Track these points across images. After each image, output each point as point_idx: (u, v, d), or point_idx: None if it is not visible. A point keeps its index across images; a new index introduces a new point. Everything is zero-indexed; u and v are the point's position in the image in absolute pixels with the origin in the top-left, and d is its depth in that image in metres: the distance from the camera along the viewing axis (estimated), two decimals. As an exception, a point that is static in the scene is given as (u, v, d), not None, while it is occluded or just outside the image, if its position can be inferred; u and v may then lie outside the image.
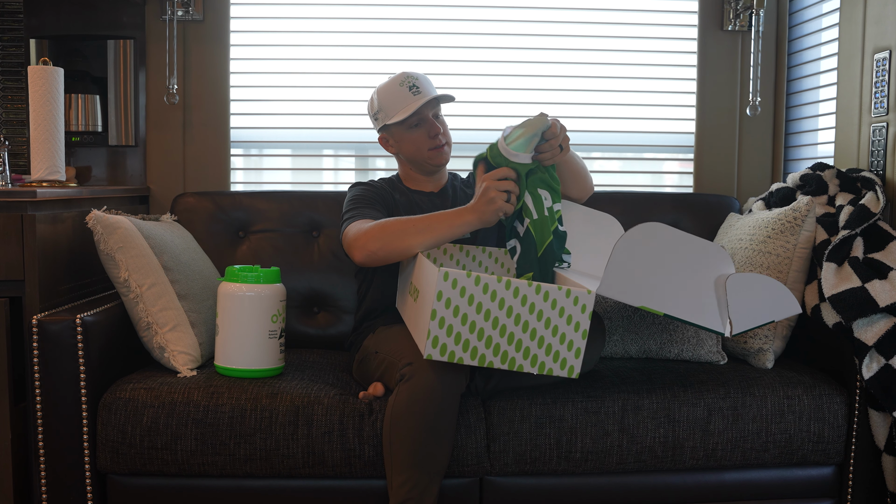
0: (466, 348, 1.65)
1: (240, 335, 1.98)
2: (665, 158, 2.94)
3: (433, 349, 1.64)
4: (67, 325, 1.86)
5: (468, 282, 1.64)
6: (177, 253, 2.14)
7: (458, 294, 1.63)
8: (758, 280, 1.74)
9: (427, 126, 2.15)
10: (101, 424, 1.87)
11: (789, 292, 1.79)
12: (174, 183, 2.73)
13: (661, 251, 1.68)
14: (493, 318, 1.65)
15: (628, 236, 1.65)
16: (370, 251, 1.92)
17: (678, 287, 1.69)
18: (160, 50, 2.68)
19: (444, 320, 1.63)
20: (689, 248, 1.72)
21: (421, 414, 1.72)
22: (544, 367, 1.69)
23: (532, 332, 1.67)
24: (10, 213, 1.94)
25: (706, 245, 1.75)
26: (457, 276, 1.62)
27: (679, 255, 1.70)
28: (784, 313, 1.79)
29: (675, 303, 1.68)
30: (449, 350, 1.65)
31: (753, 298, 1.72)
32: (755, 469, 1.99)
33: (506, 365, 1.67)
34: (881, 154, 2.26)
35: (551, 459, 1.92)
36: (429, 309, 1.64)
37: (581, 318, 1.68)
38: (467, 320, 1.64)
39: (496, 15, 2.82)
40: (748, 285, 1.72)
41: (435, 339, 1.64)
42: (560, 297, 1.67)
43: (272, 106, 2.81)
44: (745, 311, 1.71)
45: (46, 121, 2.15)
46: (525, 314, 1.66)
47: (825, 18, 2.61)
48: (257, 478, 1.89)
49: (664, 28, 2.86)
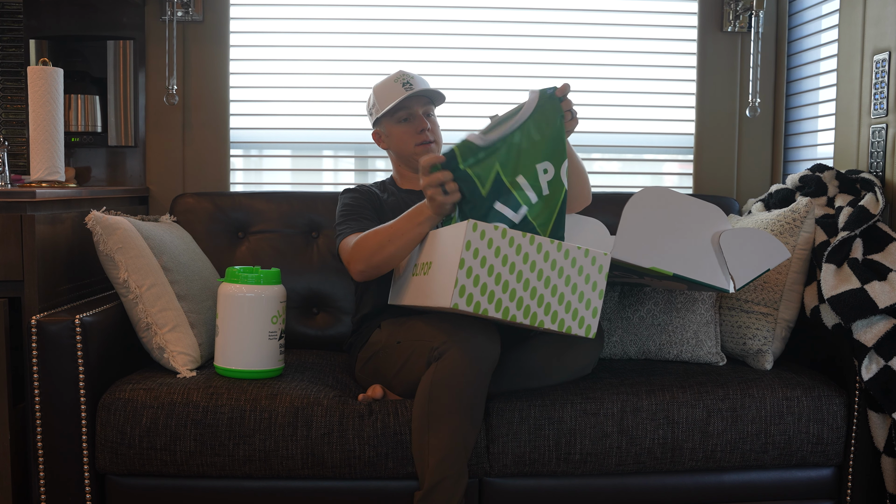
0: (492, 300, 1.67)
1: (240, 336, 1.98)
2: (665, 159, 2.94)
3: (460, 298, 1.65)
4: (66, 326, 1.86)
5: (495, 234, 1.67)
6: (176, 253, 2.14)
7: (486, 245, 1.66)
8: (747, 232, 1.87)
9: (416, 122, 2.18)
10: (101, 425, 1.87)
11: (775, 239, 1.90)
12: (174, 183, 2.73)
13: (667, 215, 1.81)
14: (517, 271, 1.69)
15: (637, 201, 1.77)
16: (360, 271, 2.01)
17: (685, 248, 1.82)
18: (160, 50, 2.68)
19: (471, 270, 1.65)
20: (693, 211, 1.84)
21: (462, 382, 1.74)
22: (563, 325, 1.73)
23: (553, 288, 1.71)
24: (10, 214, 1.94)
25: (708, 207, 1.85)
26: (484, 228, 1.66)
27: (684, 217, 1.82)
28: (775, 260, 1.90)
29: (682, 263, 1.81)
30: (475, 300, 1.66)
31: (748, 252, 1.86)
32: (754, 470, 1.99)
33: (528, 320, 1.70)
34: (880, 155, 2.26)
35: (550, 461, 1.91)
36: (456, 259, 1.66)
37: (598, 279, 1.74)
38: (493, 271, 1.67)
39: (495, 16, 2.82)
40: (741, 239, 1.85)
41: (462, 288, 1.65)
42: (579, 256, 1.72)
43: (272, 107, 2.81)
44: (743, 265, 1.85)
45: (46, 121, 2.15)
46: (547, 270, 1.70)
47: (825, 20, 2.61)
48: (256, 479, 1.88)
49: (664, 29, 2.86)
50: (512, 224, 1.87)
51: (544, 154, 1.88)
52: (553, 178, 1.89)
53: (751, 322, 2.15)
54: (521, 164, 1.86)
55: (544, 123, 1.87)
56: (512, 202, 1.86)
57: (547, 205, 1.88)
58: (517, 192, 1.86)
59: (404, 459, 1.86)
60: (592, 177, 2.87)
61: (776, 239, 1.91)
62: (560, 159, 1.89)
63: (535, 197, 1.87)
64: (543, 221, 1.90)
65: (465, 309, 1.66)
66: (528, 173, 1.87)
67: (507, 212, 1.87)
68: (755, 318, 2.15)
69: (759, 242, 1.89)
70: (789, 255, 1.94)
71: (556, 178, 1.89)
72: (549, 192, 1.88)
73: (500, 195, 1.85)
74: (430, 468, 1.73)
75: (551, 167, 1.89)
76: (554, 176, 1.89)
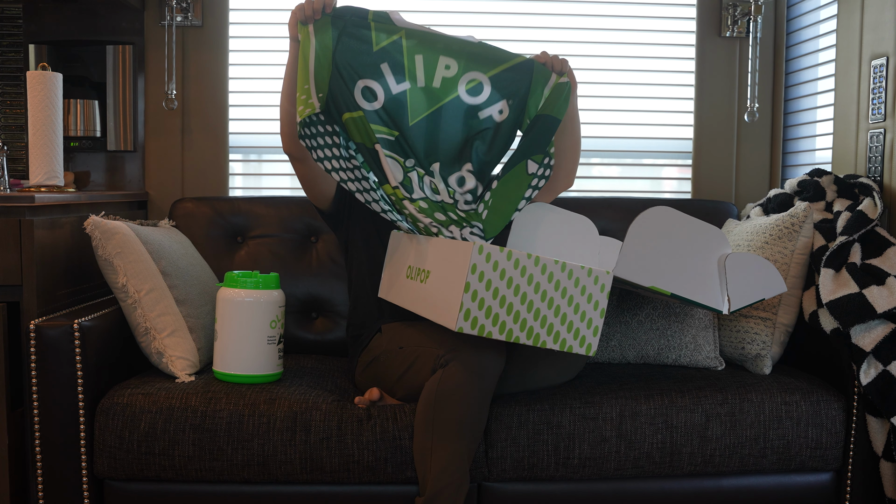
0: (496, 322, 1.67)
1: (238, 341, 1.98)
2: (663, 164, 2.95)
3: (465, 322, 1.65)
4: (65, 331, 1.86)
5: (500, 256, 1.67)
6: (175, 258, 2.14)
7: (492, 268, 1.66)
8: (750, 259, 1.92)
9: None
10: (99, 430, 1.86)
11: (776, 271, 1.96)
12: (173, 188, 2.73)
13: (669, 235, 1.85)
14: (521, 293, 1.69)
15: (642, 220, 1.82)
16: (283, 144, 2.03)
17: (684, 268, 1.86)
18: (159, 55, 2.69)
19: (476, 293, 1.65)
20: (696, 232, 1.88)
21: (468, 394, 1.74)
22: (565, 345, 1.74)
23: (556, 308, 1.72)
24: (9, 218, 1.94)
25: (709, 229, 1.90)
26: (490, 251, 1.66)
27: (686, 238, 1.87)
28: (772, 291, 1.95)
29: (680, 283, 1.85)
30: (479, 324, 1.66)
31: (747, 278, 1.91)
32: (753, 475, 1.99)
33: (531, 341, 1.70)
34: (878, 160, 2.26)
35: (549, 465, 1.91)
36: (460, 283, 1.65)
37: (600, 297, 1.75)
38: (498, 294, 1.67)
39: (494, 21, 2.83)
40: (742, 265, 1.91)
41: (467, 312, 1.65)
42: (582, 275, 1.73)
43: (271, 111, 2.81)
44: (740, 290, 1.90)
45: (45, 126, 2.15)
46: (550, 290, 1.71)
47: (823, 25, 2.62)
48: (255, 483, 1.88)
49: (662, 35, 2.87)
50: (387, 95, 1.95)
51: (460, 57, 1.97)
52: (450, 78, 1.95)
53: (749, 327, 2.15)
54: (426, 49, 1.96)
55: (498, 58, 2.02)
56: (398, 70, 1.96)
57: (429, 97, 1.94)
58: (409, 66, 1.94)
59: (403, 464, 1.86)
60: (591, 182, 2.90)
61: (777, 271, 1.96)
62: (481, 69, 1.98)
63: (422, 82, 1.95)
64: (420, 109, 1.98)
65: (470, 332, 1.66)
66: (428, 59, 1.96)
67: (389, 79, 1.95)
68: (754, 322, 2.15)
69: (759, 270, 1.93)
70: (786, 289, 1.98)
71: (452, 80, 1.96)
72: (438, 87, 1.96)
73: (390, 58, 1.95)
74: (433, 475, 1.73)
75: (455, 66, 1.97)
76: (453, 76, 1.95)
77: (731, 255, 1.89)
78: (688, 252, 1.88)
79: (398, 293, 1.96)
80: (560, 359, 1.95)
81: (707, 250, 1.90)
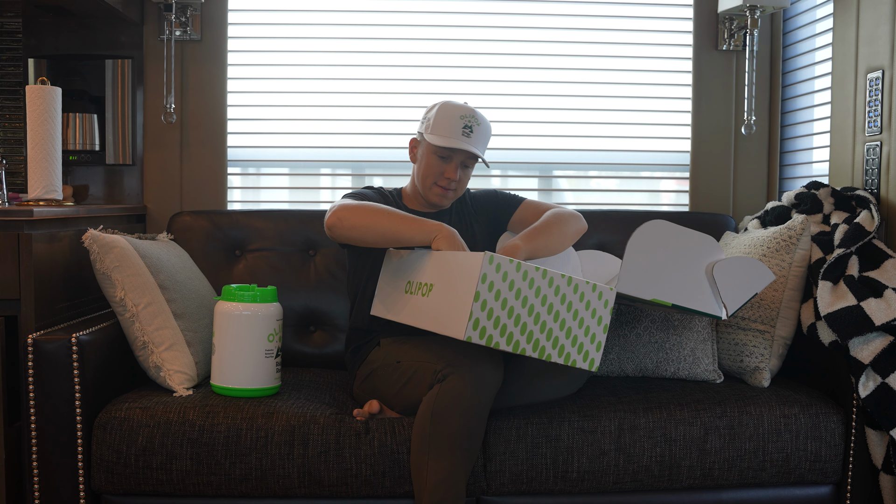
0: (504, 333, 1.68)
1: (236, 354, 1.97)
2: (661, 177, 2.95)
3: (473, 331, 1.65)
4: (63, 345, 1.85)
5: (510, 267, 1.67)
6: (173, 272, 2.14)
7: (501, 278, 1.66)
8: (734, 261, 1.96)
9: (449, 167, 2.14)
10: (96, 444, 1.86)
11: (761, 263, 2.00)
12: (171, 202, 2.74)
13: (667, 247, 1.88)
14: (529, 304, 1.69)
15: (639, 235, 1.85)
16: (339, 218, 1.99)
17: (682, 279, 1.90)
18: (158, 69, 2.70)
19: (486, 303, 1.65)
20: (690, 242, 1.92)
21: (465, 408, 1.74)
22: (569, 359, 1.75)
23: (562, 322, 1.73)
24: (7, 232, 1.94)
25: (703, 238, 1.94)
26: (500, 261, 1.66)
27: (682, 249, 1.91)
28: (762, 284, 1.99)
29: (679, 294, 1.88)
30: (488, 333, 1.66)
31: (737, 278, 1.95)
32: (752, 488, 1.99)
33: (536, 353, 1.71)
34: (875, 173, 2.27)
35: (548, 479, 1.91)
36: (470, 292, 1.65)
37: (604, 313, 1.77)
38: (507, 305, 1.67)
39: (493, 35, 2.84)
40: (730, 268, 1.95)
41: (476, 321, 1.65)
42: (587, 290, 1.75)
43: (269, 125, 2.82)
44: (733, 292, 1.95)
45: (44, 140, 2.15)
46: (557, 304, 1.72)
47: (819, 38, 2.63)
48: (253, 498, 1.88)
49: (660, 48, 2.88)
50: None
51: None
52: None
53: (748, 339, 2.15)
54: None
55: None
56: None
57: None
58: None
59: (401, 478, 1.85)
60: (589, 195, 2.90)
61: (761, 262, 2.00)
62: None
63: None
64: None
65: (478, 341, 1.66)
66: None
67: None
68: (752, 335, 2.15)
69: (745, 268, 1.97)
70: (774, 277, 2.01)
71: None
72: None
73: None
74: (429, 490, 1.73)
75: None
76: None
77: (717, 262, 1.94)
78: (685, 262, 1.90)
79: (395, 309, 1.96)
80: (561, 373, 1.95)
81: (703, 259, 1.93)
